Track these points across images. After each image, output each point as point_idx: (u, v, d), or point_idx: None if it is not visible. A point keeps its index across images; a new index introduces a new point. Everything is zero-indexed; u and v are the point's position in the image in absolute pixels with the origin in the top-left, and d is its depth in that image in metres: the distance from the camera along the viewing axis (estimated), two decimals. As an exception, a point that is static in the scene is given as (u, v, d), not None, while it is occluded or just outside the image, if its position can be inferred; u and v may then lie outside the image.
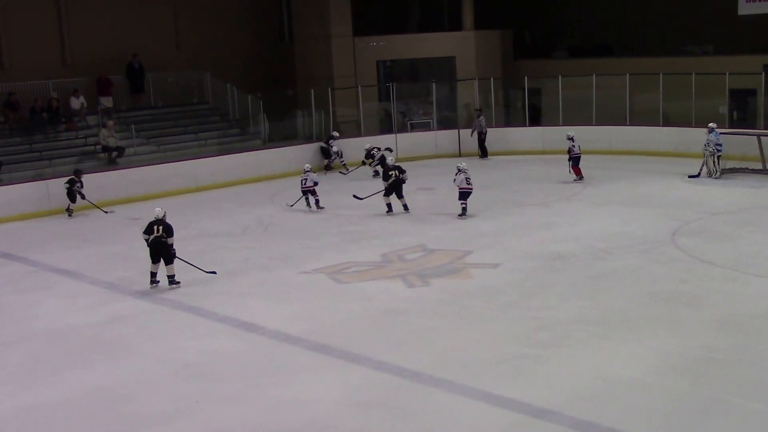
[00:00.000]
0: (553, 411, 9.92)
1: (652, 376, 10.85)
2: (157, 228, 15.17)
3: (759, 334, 12.23)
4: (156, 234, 15.12)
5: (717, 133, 23.30)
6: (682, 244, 17.00)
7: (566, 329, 12.59)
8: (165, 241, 15.13)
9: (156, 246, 15.18)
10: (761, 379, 10.66)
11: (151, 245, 15.21)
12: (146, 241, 15.30)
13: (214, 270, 15.97)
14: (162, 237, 15.11)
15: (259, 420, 10.09)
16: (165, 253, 15.21)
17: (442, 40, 33.40)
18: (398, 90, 30.53)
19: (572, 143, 23.70)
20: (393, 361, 11.60)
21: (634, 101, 29.48)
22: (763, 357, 11.39)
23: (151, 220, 15.34)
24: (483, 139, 28.86)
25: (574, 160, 23.65)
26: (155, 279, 15.36)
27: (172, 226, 15.37)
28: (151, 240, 15.16)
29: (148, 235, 15.22)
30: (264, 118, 29.27)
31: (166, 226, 15.27)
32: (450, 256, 16.77)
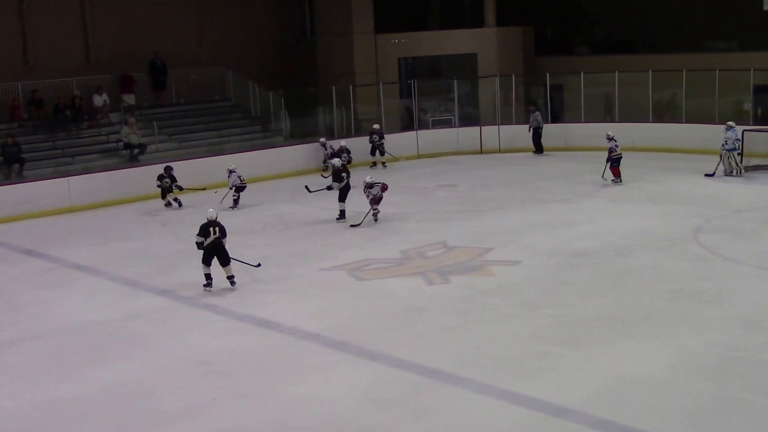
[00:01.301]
0: (573, 409, 9.86)
1: (673, 374, 10.76)
2: (213, 230, 14.77)
3: (783, 332, 12.10)
4: (213, 236, 14.75)
5: (735, 130, 23.08)
6: (704, 241, 16.85)
7: (586, 327, 12.51)
8: (222, 242, 14.84)
9: (213, 248, 14.80)
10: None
11: (208, 248, 14.82)
12: (199, 244, 14.87)
13: (259, 263, 15.69)
14: (219, 238, 14.79)
15: (277, 417, 10.07)
16: (222, 254, 14.88)
17: (464, 36, 33.29)
18: (419, 87, 30.44)
19: (614, 143, 22.91)
20: (411, 359, 11.56)
21: (656, 98, 29.27)
22: (787, 356, 11.26)
23: (203, 222, 14.87)
24: (539, 134, 28.56)
25: (615, 161, 22.90)
26: (210, 281, 14.94)
27: (224, 226, 15.06)
28: (209, 243, 14.79)
29: (203, 238, 14.80)
30: (285, 115, 29.28)
31: (221, 227, 14.92)
32: (470, 253, 16.71)
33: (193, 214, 21.46)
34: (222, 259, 14.90)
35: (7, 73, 26.35)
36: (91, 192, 23.15)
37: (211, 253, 14.83)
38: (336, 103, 29.28)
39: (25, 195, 22.39)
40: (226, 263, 14.93)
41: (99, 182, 23.40)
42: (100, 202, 22.88)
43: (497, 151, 29.17)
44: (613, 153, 22.92)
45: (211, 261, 14.86)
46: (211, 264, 14.86)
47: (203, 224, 14.86)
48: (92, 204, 22.96)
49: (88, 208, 22.86)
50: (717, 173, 23.12)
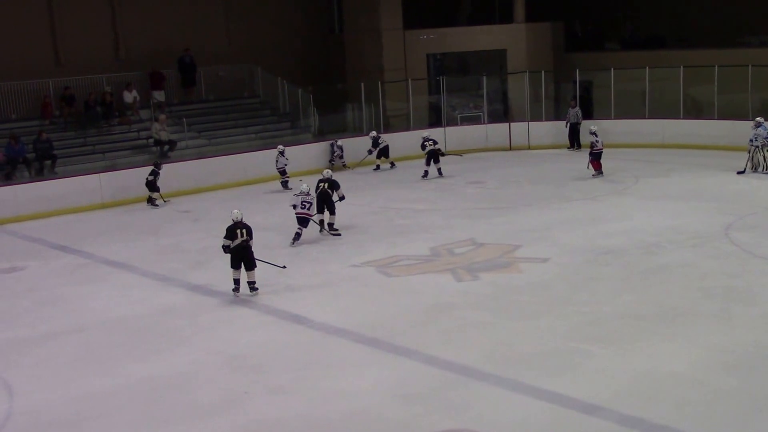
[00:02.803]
0: (601, 406, 9.87)
1: (702, 372, 10.74)
2: (240, 232, 14.29)
3: (814, 331, 12.05)
4: (241, 238, 14.27)
5: (766, 126, 22.92)
6: (735, 238, 16.77)
7: (615, 324, 12.51)
8: (249, 245, 14.42)
9: (241, 251, 14.31)
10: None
11: (235, 251, 14.32)
12: (225, 247, 14.42)
13: (285, 264, 15.59)
14: (247, 241, 14.33)
15: (307, 411, 10.16)
16: (248, 258, 14.38)
17: (493, 33, 33.17)
18: (448, 83, 30.44)
19: (595, 138, 23.29)
20: (441, 355, 11.61)
21: (687, 94, 29.08)
22: (817, 354, 11.22)
23: (229, 224, 14.50)
24: (577, 130, 28.49)
25: (596, 155, 23.17)
26: (239, 286, 14.46)
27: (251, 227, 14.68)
28: (237, 245, 14.29)
29: (230, 240, 14.32)
30: (314, 112, 29.37)
31: (249, 228, 14.44)
32: (499, 250, 16.72)
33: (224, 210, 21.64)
34: (247, 263, 14.42)
35: (39, 70, 26.61)
36: (122, 188, 23.37)
37: (240, 256, 14.36)
38: (364, 100, 29.34)
39: (57, 191, 22.64)
40: (250, 267, 14.45)
41: (130, 178, 23.56)
42: (131, 198, 23.08)
43: (526, 147, 29.13)
44: (595, 147, 23.14)
45: (240, 264, 14.42)
46: (240, 267, 14.44)
47: (230, 226, 14.45)
48: (123, 200, 23.21)
49: (120, 204, 23.10)
50: (747, 170, 22.98)
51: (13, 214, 21.73)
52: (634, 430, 9.40)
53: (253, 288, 14.51)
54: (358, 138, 27.88)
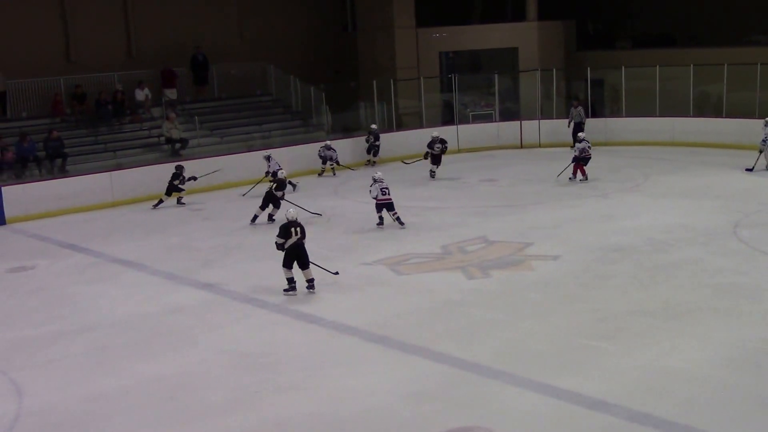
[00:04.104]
0: (612, 403, 9.87)
1: (711, 369, 10.75)
2: (294, 230, 14.24)
3: (824, 328, 12.03)
4: (295, 237, 14.22)
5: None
6: (743, 236, 16.76)
7: (626, 321, 12.51)
8: (303, 243, 14.35)
9: (295, 250, 14.25)
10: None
11: (289, 250, 14.26)
12: (280, 245, 14.32)
13: (337, 271, 15.25)
14: (301, 239, 14.26)
15: (318, 410, 10.18)
16: (302, 256, 14.30)
17: (505, 31, 33.21)
18: (460, 81, 30.46)
19: (587, 143, 23.05)
20: (451, 353, 11.62)
21: (698, 92, 29.03)
22: (827, 352, 11.20)
23: (284, 223, 14.46)
24: (581, 130, 28.39)
25: (584, 160, 22.91)
26: (294, 284, 14.41)
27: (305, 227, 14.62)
28: (291, 244, 14.23)
29: (284, 239, 14.26)
30: (326, 110, 29.41)
31: (302, 227, 14.37)
32: (510, 247, 16.73)
33: (232, 209, 21.74)
34: (302, 262, 14.35)
35: (50, 68, 26.71)
36: (133, 186, 23.42)
37: (293, 255, 14.30)
38: (377, 98, 29.37)
39: (67, 190, 22.69)
40: (305, 266, 14.37)
41: (141, 177, 23.63)
42: (142, 197, 23.12)
43: (537, 145, 29.12)
44: (585, 153, 22.91)
45: (293, 264, 14.39)
46: (292, 266, 14.41)
47: (284, 224, 14.43)
48: (134, 198, 23.25)
49: (130, 202, 23.16)
50: (756, 168, 22.93)
51: (23, 212, 21.75)
52: (643, 426, 9.40)
53: (311, 285, 14.43)
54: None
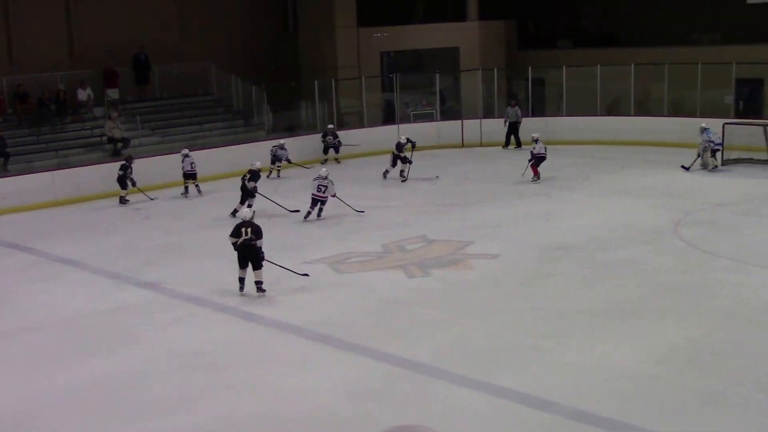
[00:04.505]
0: (554, 402, 9.99)
1: (654, 367, 10.92)
2: (245, 230, 14.15)
3: (761, 325, 12.32)
4: (244, 237, 14.12)
5: (710, 132, 23.41)
6: (685, 234, 17.05)
7: (567, 320, 12.66)
8: (254, 244, 14.15)
9: (244, 250, 14.17)
10: (763, 371, 10.73)
11: (239, 249, 14.20)
12: (234, 244, 14.28)
13: (307, 273, 15.22)
14: (251, 240, 14.12)
15: (261, 409, 10.18)
16: (253, 257, 14.18)
17: (446, 30, 33.34)
18: (402, 81, 30.56)
19: (540, 145, 23.22)
20: (393, 352, 11.67)
21: (639, 91, 29.48)
22: (761, 349, 11.45)
23: (238, 222, 14.50)
24: (517, 129, 28.70)
25: (538, 159, 23.12)
26: (243, 285, 14.38)
27: (261, 228, 14.38)
28: (240, 243, 14.17)
29: (235, 239, 14.22)
30: (268, 109, 29.33)
31: (255, 228, 14.22)
32: (451, 246, 16.83)
33: (174, 208, 21.64)
34: (254, 263, 14.23)
35: (-8, 67, 26.35)
36: (76, 186, 23.18)
37: (243, 255, 14.21)
38: (318, 97, 29.35)
39: (9, 189, 22.38)
40: (256, 267, 14.25)
41: (83, 176, 23.41)
42: (84, 196, 22.90)
43: (479, 144, 29.33)
44: (538, 153, 23.12)
45: (245, 264, 14.32)
46: (246, 267, 14.34)
47: (237, 224, 14.44)
48: (77, 198, 23.00)
49: (73, 201, 22.89)
50: (693, 168, 23.38)
51: (-35, 211, 21.47)
52: (584, 423, 9.53)
53: (260, 288, 14.32)
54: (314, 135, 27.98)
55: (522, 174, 23.08)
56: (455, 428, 9.57)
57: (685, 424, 9.49)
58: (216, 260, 16.07)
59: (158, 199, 22.64)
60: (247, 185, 20.09)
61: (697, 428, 9.41)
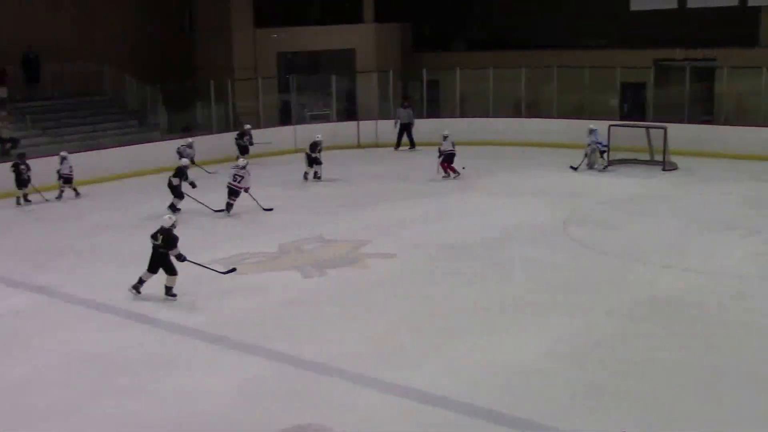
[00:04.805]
0: (450, 399, 10.14)
1: (546, 362, 11.20)
2: (156, 236, 13.97)
3: (643, 319, 12.76)
4: (154, 242, 13.95)
5: (597, 133, 24.13)
6: (573, 233, 17.55)
7: (461, 318, 12.89)
8: (163, 252, 14.11)
9: (154, 254, 13.98)
10: (644, 362, 11.13)
11: (151, 254, 14.03)
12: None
13: (234, 267, 15.00)
14: (160, 247, 13.91)
15: (156, 414, 10.11)
16: (163, 265, 13.93)
17: (343, 32, 33.45)
18: (298, 82, 30.59)
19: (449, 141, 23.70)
20: (290, 352, 11.71)
21: (530, 93, 30.11)
22: (646, 341, 11.87)
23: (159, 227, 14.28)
24: (409, 130, 28.95)
25: (447, 157, 23.58)
26: (140, 286, 14.11)
27: (175, 237, 14.00)
28: (153, 247, 13.99)
29: (154, 241, 14.04)
30: (163, 110, 28.99)
31: (167, 236, 13.91)
32: (347, 246, 16.95)
33: (66, 210, 21.25)
34: (165, 270, 14.02)
35: None
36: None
37: (153, 260, 14.05)
38: (214, 98, 29.14)
39: None
40: (169, 273, 13.96)
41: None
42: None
43: (375, 145, 29.53)
44: (446, 150, 23.56)
45: (153, 269, 14.04)
46: (153, 272, 14.05)
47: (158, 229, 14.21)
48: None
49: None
50: (581, 168, 24.07)
51: None
52: (481, 419, 9.73)
53: (170, 293, 14.03)
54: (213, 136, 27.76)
55: (437, 172, 23.49)
56: (351, 427, 9.64)
57: (577, 417, 9.75)
58: (108, 263, 15.88)
59: (51, 201, 22.15)
60: (172, 181, 20.00)
61: (589, 421, 9.67)
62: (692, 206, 19.86)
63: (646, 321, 12.69)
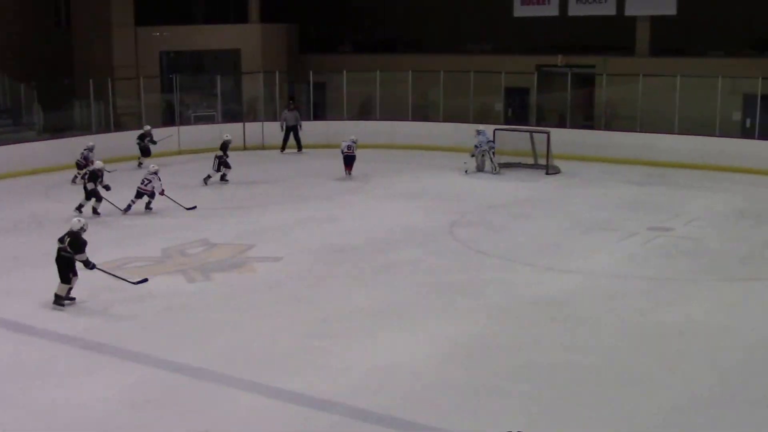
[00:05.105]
0: (335, 402, 10.08)
1: (431, 363, 11.22)
2: (64, 239, 13.40)
3: (527, 320, 12.92)
4: (60, 245, 13.37)
5: (485, 134, 24.42)
6: (459, 235, 17.67)
7: (348, 321, 12.84)
8: (67, 255, 13.37)
9: (58, 259, 13.36)
10: (528, 363, 11.25)
11: (56, 257, 13.42)
12: None
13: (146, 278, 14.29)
14: (65, 250, 13.39)
15: (32, 424, 9.74)
16: (63, 268, 13.32)
17: (228, 32, 33.07)
18: (182, 82, 30.02)
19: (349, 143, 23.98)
20: (173, 358, 11.44)
21: (416, 97, 30.28)
22: (531, 342, 12.03)
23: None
24: (296, 132, 28.68)
25: (348, 158, 23.87)
26: (62, 300, 13.43)
27: (83, 241, 13.46)
28: (57, 250, 13.37)
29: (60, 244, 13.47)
30: (38, 109, 28.07)
31: (75, 240, 13.36)
32: (232, 250, 16.70)
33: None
34: (62, 274, 13.40)
35: None
36: None
37: (59, 264, 13.40)
38: (94, 97, 28.34)
39: None
40: (62, 281, 13.37)
41: None
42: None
43: (261, 147, 29.21)
44: (346, 152, 23.84)
45: (63, 274, 13.42)
46: (65, 278, 13.43)
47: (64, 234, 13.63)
48: None
49: None
50: (470, 171, 24.33)
51: None
52: (368, 423, 9.70)
53: (59, 302, 13.39)
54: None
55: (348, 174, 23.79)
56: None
57: (467, 418, 9.78)
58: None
59: None
60: (87, 185, 19.44)
61: (478, 422, 9.70)
62: (574, 209, 20.23)
63: (530, 322, 12.84)
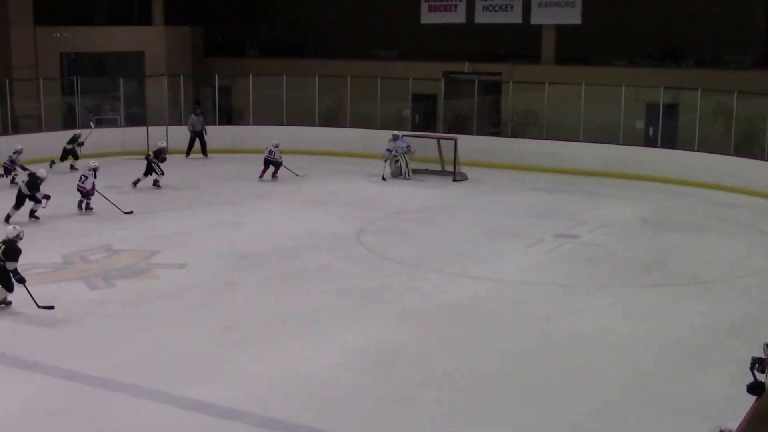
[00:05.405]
0: (243, 411, 9.95)
1: (339, 371, 11.16)
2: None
3: (435, 326, 12.95)
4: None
5: (402, 139, 24.52)
6: (366, 241, 17.64)
7: (255, 328, 12.69)
8: (2, 265, 12.91)
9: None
10: (438, 369, 11.26)
11: None
12: None
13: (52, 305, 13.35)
14: (1, 260, 12.93)
15: None
16: (2, 278, 12.96)
17: (131, 34, 32.45)
18: (84, 84, 29.35)
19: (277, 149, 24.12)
20: (74, 368, 11.15)
21: (323, 102, 30.20)
22: (439, 348, 12.04)
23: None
24: (202, 137, 28.24)
25: (268, 163, 23.96)
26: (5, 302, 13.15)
27: (18, 249, 13.11)
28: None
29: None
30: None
31: (9, 248, 12.98)
32: (136, 256, 16.38)
33: None
34: (3, 284, 13.05)
35: None
36: None
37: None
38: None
39: None
40: (5, 289, 13.08)
41: None
42: None
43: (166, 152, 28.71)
44: (276, 156, 23.92)
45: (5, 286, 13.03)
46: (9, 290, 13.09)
47: None
48: None
49: None
50: (386, 176, 24.41)
51: None
52: (273, 431, 9.59)
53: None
54: None
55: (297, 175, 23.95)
56: (138, 443, 9.27)
57: (376, 426, 9.76)
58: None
59: None
60: (23, 193, 18.82)
61: (386, 430, 9.69)
62: (481, 215, 20.38)
63: (439, 328, 12.87)
